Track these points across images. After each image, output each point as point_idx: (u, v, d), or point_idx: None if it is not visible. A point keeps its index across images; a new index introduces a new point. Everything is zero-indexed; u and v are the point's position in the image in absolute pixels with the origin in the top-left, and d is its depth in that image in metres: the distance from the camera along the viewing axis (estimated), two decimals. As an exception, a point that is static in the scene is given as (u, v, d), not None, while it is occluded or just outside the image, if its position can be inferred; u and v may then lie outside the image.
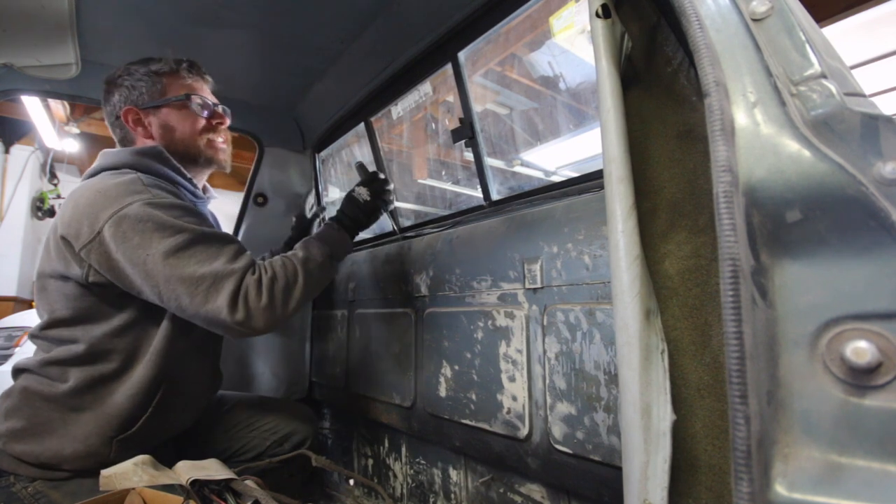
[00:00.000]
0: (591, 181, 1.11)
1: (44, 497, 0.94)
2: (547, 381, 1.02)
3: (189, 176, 1.14)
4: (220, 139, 1.21)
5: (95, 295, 0.99)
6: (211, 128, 1.18)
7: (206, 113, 1.16)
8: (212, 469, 0.92)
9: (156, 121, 1.11)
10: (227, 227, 1.52)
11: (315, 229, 1.46)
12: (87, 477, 0.97)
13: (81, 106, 4.73)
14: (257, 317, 0.93)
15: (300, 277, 1.02)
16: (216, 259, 0.94)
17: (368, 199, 1.22)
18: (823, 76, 0.45)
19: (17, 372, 1.04)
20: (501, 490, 1.20)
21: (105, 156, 1.10)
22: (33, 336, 1.05)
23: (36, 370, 1.00)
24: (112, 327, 1.00)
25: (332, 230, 1.17)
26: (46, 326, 1.02)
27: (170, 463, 0.94)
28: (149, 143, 1.12)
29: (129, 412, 1.00)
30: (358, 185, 1.25)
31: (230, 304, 0.91)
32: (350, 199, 1.23)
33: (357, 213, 1.22)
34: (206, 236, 0.97)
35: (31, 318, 2.96)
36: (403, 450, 1.55)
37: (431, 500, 1.42)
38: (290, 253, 1.08)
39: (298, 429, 1.35)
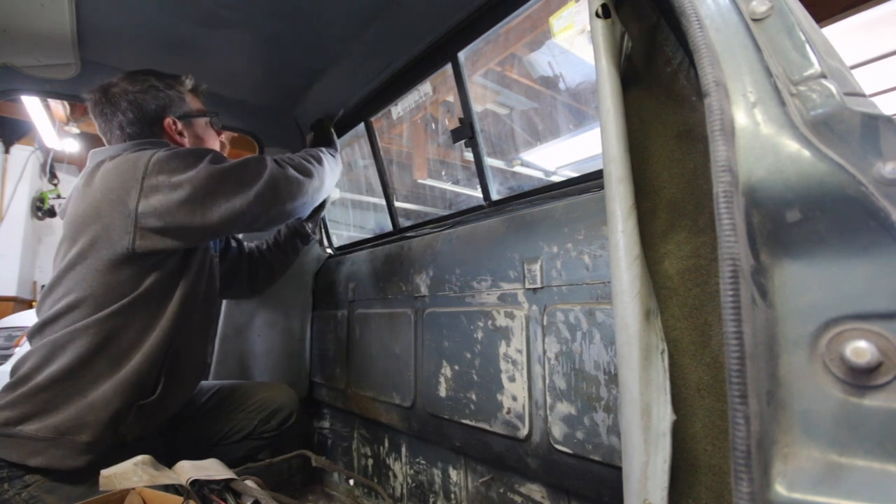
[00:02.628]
0: (591, 181, 1.11)
1: (40, 502, 0.94)
2: (547, 381, 1.02)
3: None
4: (224, 153, 1.36)
5: (131, 268, 1.05)
6: (221, 143, 1.37)
7: (215, 129, 1.35)
8: (212, 469, 0.92)
9: (190, 131, 1.25)
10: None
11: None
12: (94, 465, 0.97)
13: (81, 106, 4.72)
14: (293, 184, 1.14)
15: (304, 154, 1.27)
16: (243, 163, 1.11)
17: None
18: (823, 76, 0.45)
19: (24, 360, 1.04)
20: (501, 490, 1.20)
21: (104, 150, 1.14)
22: (51, 313, 1.05)
23: (42, 350, 1.02)
24: (133, 298, 1.05)
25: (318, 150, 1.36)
26: (67, 308, 1.03)
27: (164, 452, 0.95)
28: None
29: (147, 378, 1.05)
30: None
31: (268, 183, 1.09)
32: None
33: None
34: (224, 158, 1.13)
35: (31, 319, 2.96)
36: (403, 450, 1.55)
37: (431, 500, 1.42)
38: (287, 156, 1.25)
39: (284, 404, 1.41)
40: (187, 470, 0.89)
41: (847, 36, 2.31)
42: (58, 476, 0.98)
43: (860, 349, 0.38)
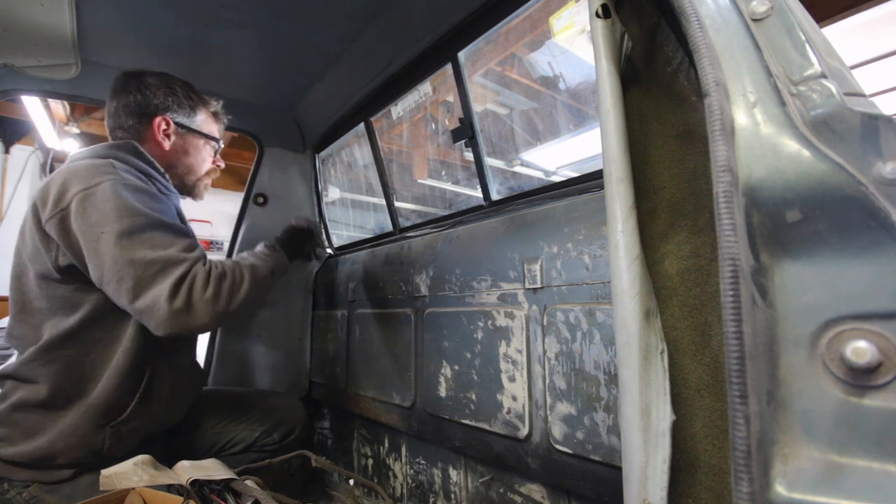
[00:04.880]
0: (591, 181, 1.11)
1: (40, 502, 0.94)
2: (547, 381, 1.02)
3: (163, 170, 1.16)
4: (210, 180, 1.31)
5: (66, 283, 0.98)
6: (212, 169, 1.29)
7: (216, 157, 1.29)
8: (212, 469, 0.92)
9: (179, 140, 1.19)
10: (228, 226, 1.53)
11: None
12: (85, 472, 0.97)
13: (81, 106, 4.72)
14: (198, 309, 0.90)
15: (246, 282, 1.01)
16: (170, 247, 0.93)
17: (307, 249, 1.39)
18: (823, 76, 0.45)
19: (2, 378, 1.02)
20: (501, 490, 1.20)
21: (79, 152, 1.12)
22: (7, 335, 1.03)
23: (17, 375, 0.99)
24: (84, 316, 0.98)
25: (275, 251, 1.19)
26: (19, 320, 1.01)
27: (162, 457, 0.94)
28: (156, 150, 1.17)
29: (115, 400, 1.00)
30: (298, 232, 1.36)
31: (172, 289, 0.88)
32: (293, 233, 1.32)
33: (294, 249, 1.30)
34: (164, 224, 0.96)
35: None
36: (403, 450, 1.55)
37: (431, 500, 1.42)
38: (238, 258, 1.09)
39: (286, 418, 1.36)
40: (187, 470, 0.89)
41: (847, 36, 2.31)
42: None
43: (860, 349, 0.38)
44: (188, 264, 0.92)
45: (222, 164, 1.32)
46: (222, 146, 1.31)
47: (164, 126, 1.16)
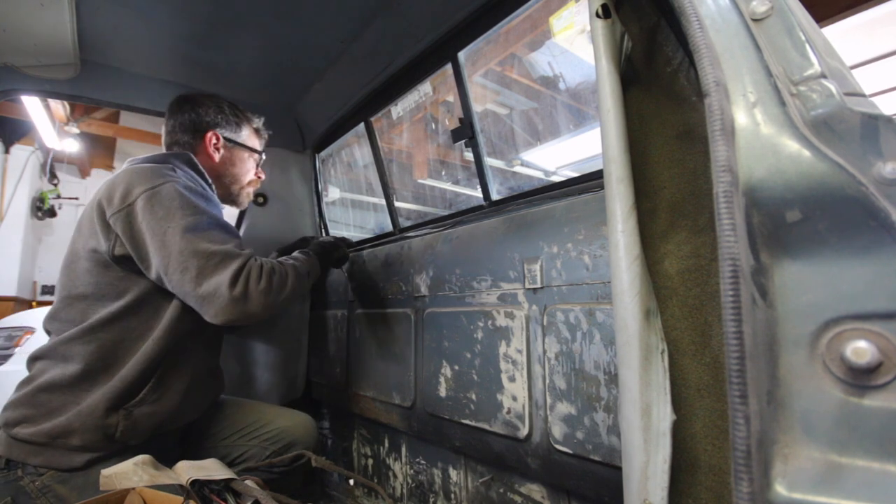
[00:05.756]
0: (591, 181, 1.11)
1: (51, 491, 0.97)
2: (547, 381, 1.02)
3: (210, 181, 1.30)
4: (252, 189, 1.44)
5: (117, 271, 1.08)
6: (254, 180, 1.43)
7: (258, 169, 1.43)
8: (212, 469, 0.92)
9: (227, 153, 1.34)
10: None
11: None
12: (97, 463, 1.01)
13: (81, 106, 4.73)
14: (253, 297, 1.02)
15: (290, 278, 1.14)
16: (226, 243, 1.05)
17: (337, 256, 1.48)
18: (823, 76, 0.45)
19: (33, 360, 1.09)
20: (501, 490, 1.20)
21: (139, 157, 1.22)
22: (50, 318, 1.11)
23: (50, 355, 1.06)
24: (127, 303, 1.07)
25: (310, 257, 1.32)
26: (65, 304, 1.09)
27: (173, 460, 0.95)
28: (207, 162, 1.31)
29: (133, 385, 1.06)
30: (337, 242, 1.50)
31: (232, 278, 1.00)
32: (322, 244, 1.44)
33: (327, 259, 1.43)
34: (220, 223, 1.10)
35: (31, 318, 2.96)
36: (403, 450, 1.55)
37: (431, 500, 1.42)
38: (282, 259, 1.22)
39: (300, 439, 1.36)
40: (187, 470, 0.89)
41: (847, 36, 2.31)
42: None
43: (860, 349, 0.38)
44: (244, 258, 1.04)
45: (263, 176, 1.46)
46: (264, 158, 1.45)
47: (214, 140, 1.31)
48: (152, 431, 1.09)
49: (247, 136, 1.38)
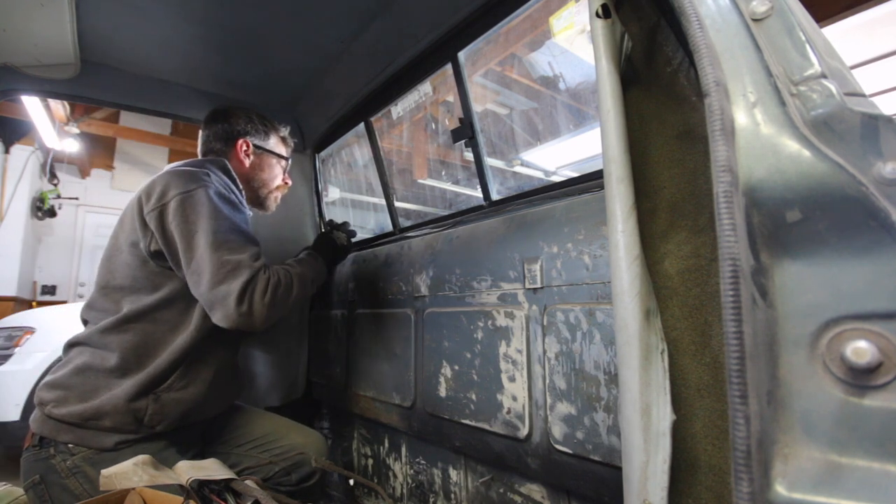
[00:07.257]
0: (591, 181, 1.11)
1: (80, 472, 1.02)
2: (547, 381, 1.02)
3: (241, 187, 1.37)
4: (279, 194, 1.51)
5: (153, 266, 1.15)
6: (281, 185, 1.50)
7: (285, 175, 1.51)
8: (212, 469, 0.92)
9: (256, 160, 1.42)
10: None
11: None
12: (127, 446, 1.06)
13: (81, 106, 4.73)
14: (257, 312, 1.08)
15: (294, 288, 1.19)
16: (243, 252, 1.10)
17: (345, 243, 1.53)
18: (823, 76, 0.45)
19: (70, 346, 1.15)
20: (501, 490, 1.20)
21: (180, 161, 1.30)
22: (87, 308, 1.19)
23: (87, 342, 1.12)
24: (161, 297, 1.14)
25: (316, 260, 1.36)
26: (102, 295, 1.16)
27: (195, 455, 0.96)
28: (239, 167, 1.39)
29: (164, 371, 1.12)
30: (335, 229, 1.55)
31: (240, 292, 1.06)
32: (328, 239, 1.49)
33: (333, 252, 1.48)
34: (241, 231, 1.16)
35: (31, 318, 2.95)
36: (403, 450, 1.55)
37: (431, 500, 1.42)
38: (287, 264, 1.25)
39: (307, 459, 1.36)
40: (187, 470, 0.89)
41: (847, 36, 2.31)
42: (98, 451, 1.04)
43: (860, 349, 0.38)
44: (253, 271, 1.09)
45: (290, 182, 1.52)
46: (290, 164, 1.53)
47: (244, 147, 1.39)
48: (179, 420, 1.14)
49: (274, 143, 1.47)
